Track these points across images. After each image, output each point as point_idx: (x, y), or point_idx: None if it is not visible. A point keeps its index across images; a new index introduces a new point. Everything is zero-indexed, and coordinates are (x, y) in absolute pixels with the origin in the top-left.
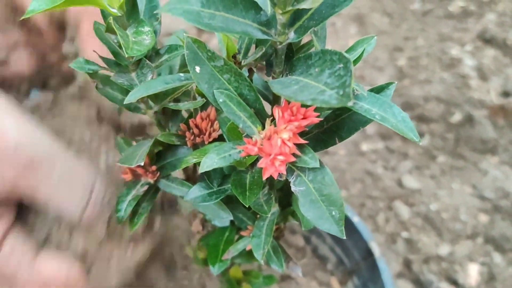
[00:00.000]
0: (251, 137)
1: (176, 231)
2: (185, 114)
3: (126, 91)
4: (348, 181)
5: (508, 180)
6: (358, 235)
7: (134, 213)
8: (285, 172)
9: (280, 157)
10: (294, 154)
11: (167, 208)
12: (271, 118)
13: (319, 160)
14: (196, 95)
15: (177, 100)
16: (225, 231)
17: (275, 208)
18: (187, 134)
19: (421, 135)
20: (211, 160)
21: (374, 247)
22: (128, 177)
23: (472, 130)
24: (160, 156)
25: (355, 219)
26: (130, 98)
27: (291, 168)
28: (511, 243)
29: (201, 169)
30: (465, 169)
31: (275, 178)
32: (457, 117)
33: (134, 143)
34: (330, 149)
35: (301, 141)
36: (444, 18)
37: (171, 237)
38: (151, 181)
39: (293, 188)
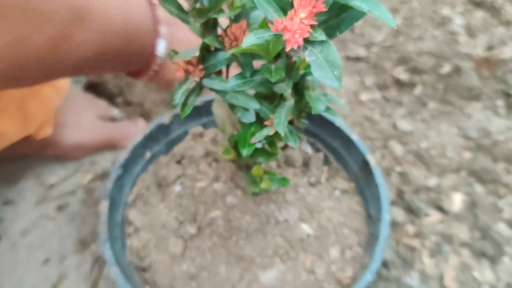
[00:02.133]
0: None
1: None
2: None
3: (179, 8)
4: (349, 125)
5: (489, 122)
6: (356, 150)
7: (184, 104)
8: (302, 44)
9: (299, 31)
10: (308, 32)
11: None
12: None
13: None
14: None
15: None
16: (251, 126)
17: (291, 101)
18: (226, 39)
19: (414, 85)
20: (250, 39)
21: (370, 158)
22: (181, 74)
23: (459, 79)
24: (204, 59)
25: (354, 137)
26: None
27: (305, 46)
28: (491, 176)
29: (243, 45)
30: (452, 114)
31: (295, 49)
32: (446, 68)
33: None
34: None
35: (313, 22)
36: None
37: None
38: (197, 79)
39: (307, 59)
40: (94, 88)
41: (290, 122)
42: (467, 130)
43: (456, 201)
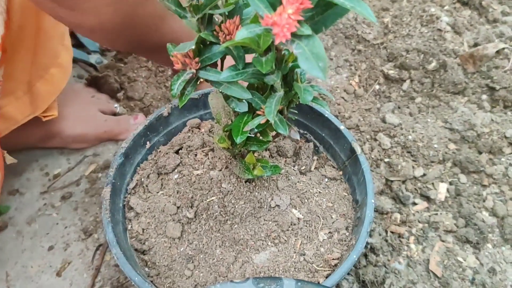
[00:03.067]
0: None
1: None
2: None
3: (178, 4)
4: (339, 118)
5: (474, 115)
6: (344, 140)
7: (182, 94)
8: (290, 38)
9: (287, 26)
10: (295, 27)
11: None
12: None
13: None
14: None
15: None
16: (244, 116)
17: (280, 92)
18: (220, 34)
19: (403, 80)
20: (243, 33)
21: (356, 146)
22: (179, 66)
23: (445, 75)
24: (200, 52)
25: (342, 127)
26: None
27: (293, 40)
28: (475, 166)
29: (236, 38)
30: (438, 107)
31: (283, 42)
32: (433, 64)
33: None
34: None
35: (300, 17)
36: None
37: None
38: (194, 70)
39: (294, 52)
40: (95, 83)
41: (281, 112)
42: (452, 123)
43: (442, 191)
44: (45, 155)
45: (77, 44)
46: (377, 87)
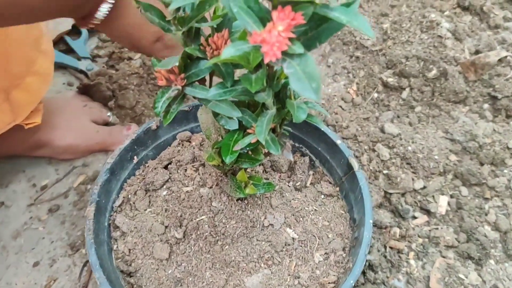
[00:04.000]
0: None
1: None
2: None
3: (161, 16)
4: (336, 128)
5: (476, 125)
6: (340, 155)
7: (167, 112)
8: (280, 56)
9: (277, 44)
10: (286, 45)
11: None
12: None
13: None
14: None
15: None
16: (234, 134)
17: (272, 109)
18: (207, 48)
19: (402, 88)
20: (229, 50)
21: (354, 162)
22: (163, 83)
23: (446, 83)
24: (186, 68)
25: (338, 141)
26: (174, 6)
27: (284, 58)
28: (476, 179)
29: (222, 56)
30: (439, 117)
31: (273, 61)
32: (433, 72)
33: None
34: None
35: (291, 35)
36: None
37: None
38: (180, 87)
39: (285, 71)
40: (87, 92)
41: (273, 130)
42: (453, 133)
43: (443, 204)
44: (32, 165)
45: (67, 49)
46: (375, 95)
